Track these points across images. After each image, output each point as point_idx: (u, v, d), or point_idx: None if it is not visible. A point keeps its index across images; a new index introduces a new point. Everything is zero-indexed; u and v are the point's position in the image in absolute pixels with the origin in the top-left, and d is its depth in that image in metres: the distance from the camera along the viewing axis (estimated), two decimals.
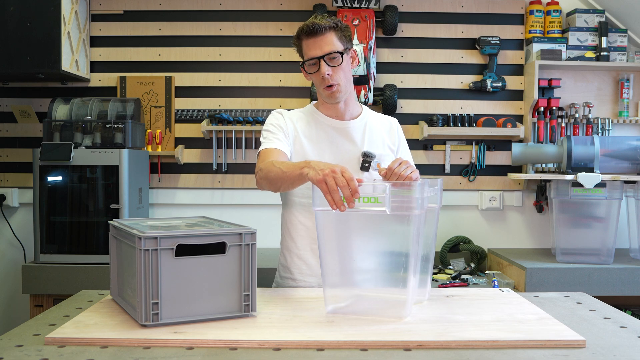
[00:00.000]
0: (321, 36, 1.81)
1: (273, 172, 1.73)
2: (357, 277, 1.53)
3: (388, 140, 1.97)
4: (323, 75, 1.82)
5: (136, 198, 3.03)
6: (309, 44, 1.83)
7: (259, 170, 1.80)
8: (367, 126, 1.94)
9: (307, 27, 1.82)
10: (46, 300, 2.90)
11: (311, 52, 1.83)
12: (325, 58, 1.81)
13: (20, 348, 1.25)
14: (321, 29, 1.81)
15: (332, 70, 1.82)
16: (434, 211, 1.61)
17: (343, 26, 1.86)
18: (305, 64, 1.86)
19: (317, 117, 1.94)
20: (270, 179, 1.74)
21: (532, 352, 1.22)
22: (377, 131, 1.95)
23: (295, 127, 1.92)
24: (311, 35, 1.82)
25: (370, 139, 1.92)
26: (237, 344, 1.26)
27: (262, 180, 1.78)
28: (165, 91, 3.37)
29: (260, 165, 1.80)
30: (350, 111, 1.94)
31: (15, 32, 2.94)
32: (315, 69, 1.84)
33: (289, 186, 1.73)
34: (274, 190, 1.80)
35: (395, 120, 2.03)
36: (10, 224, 3.37)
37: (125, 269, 1.49)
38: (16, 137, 3.39)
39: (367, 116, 1.97)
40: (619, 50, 3.30)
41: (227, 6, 3.39)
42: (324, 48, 1.82)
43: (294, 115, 1.96)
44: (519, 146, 3.06)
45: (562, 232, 2.97)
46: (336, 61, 1.83)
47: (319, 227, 1.49)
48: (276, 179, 1.72)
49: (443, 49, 3.39)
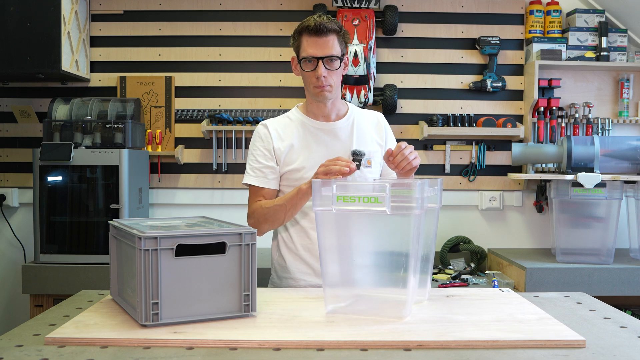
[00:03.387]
0: (324, 37, 1.82)
1: (270, 212, 1.85)
2: (357, 277, 1.53)
3: (376, 137, 1.98)
4: (318, 76, 1.83)
5: (136, 198, 3.03)
6: (310, 42, 1.83)
7: (252, 219, 1.91)
8: (355, 124, 1.96)
9: (314, 25, 1.82)
10: (46, 300, 2.90)
11: (311, 51, 1.83)
12: (324, 60, 1.82)
13: (20, 348, 1.25)
14: (327, 30, 1.82)
15: (328, 73, 1.83)
16: (434, 211, 1.61)
17: (344, 32, 1.89)
18: (302, 61, 1.86)
19: (304, 120, 1.95)
20: (269, 218, 1.86)
21: (532, 352, 1.22)
22: (365, 128, 1.97)
23: (280, 137, 1.93)
24: (314, 34, 1.83)
25: (358, 136, 1.94)
26: (237, 344, 1.26)
27: (262, 225, 1.89)
28: (165, 91, 3.37)
29: (250, 212, 1.92)
30: (336, 111, 1.96)
31: (15, 32, 2.94)
32: (312, 67, 1.84)
33: (292, 211, 1.83)
34: (278, 226, 1.91)
35: (381, 115, 2.05)
36: (10, 224, 3.37)
37: (125, 269, 1.49)
38: (16, 137, 3.39)
39: (354, 114, 1.99)
40: (619, 50, 3.30)
41: (227, 6, 3.39)
42: (325, 50, 1.82)
43: (280, 123, 1.97)
44: (519, 146, 3.06)
45: (562, 232, 2.97)
46: (334, 65, 1.84)
47: (319, 227, 1.49)
48: (277, 213, 1.84)
49: (443, 49, 3.39)
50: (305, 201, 1.81)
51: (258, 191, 1.92)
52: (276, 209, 1.83)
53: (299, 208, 1.83)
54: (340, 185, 1.42)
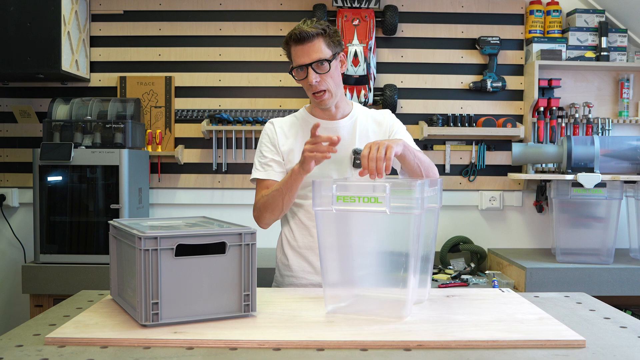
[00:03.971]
0: (309, 43, 1.81)
1: (269, 198, 1.85)
2: (357, 277, 1.53)
3: (379, 134, 1.98)
4: (311, 83, 1.83)
5: (136, 198, 3.03)
6: (297, 50, 1.83)
7: (254, 211, 1.93)
8: (357, 123, 1.96)
9: (295, 34, 1.82)
10: (46, 300, 2.90)
11: (299, 59, 1.83)
12: (312, 66, 1.82)
13: (20, 348, 1.25)
14: (309, 36, 1.80)
15: (319, 77, 1.83)
16: (434, 211, 1.61)
17: (332, 31, 1.85)
18: (293, 70, 1.87)
19: (308, 119, 1.97)
20: (269, 205, 1.85)
21: (532, 352, 1.22)
22: (368, 127, 1.97)
23: (285, 135, 1.96)
24: (299, 42, 1.82)
25: (360, 135, 1.94)
26: (237, 344, 1.26)
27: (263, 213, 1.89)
28: (165, 91, 3.37)
29: (254, 205, 1.93)
30: (341, 111, 1.97)
31: (15, 32, 2.94)
32: (304, 75, 1.85)
33: (289, 194, 1.82)
34: (279, 213, 1.89)
35: (387, 113, 2.03)
36: (10, 224, 3.37)
37: (125, 269, 1.49)
38: (16, 137, 3.39)
39: (357, 113, 1.99)
40: (619, 50, 3.30)
41: (227, 6, 3.39)
42: (312, 55, 1.81)
43: (286, 122, 2.00)
44: (519, 146, 3.06)
45: (562, 232, 2.97)
46: (324, 68, 1.83)
47: (319, 227, 1.49)
48: (275, 199, 1.83)
49: (443, 49, 3.39)
50: (299, 182, 1.78)
51: (264, 184, 1.93)
52: (274, 195, 1.84)
53: (295, 190, 1.81)
54: (340, 185, 1.43)
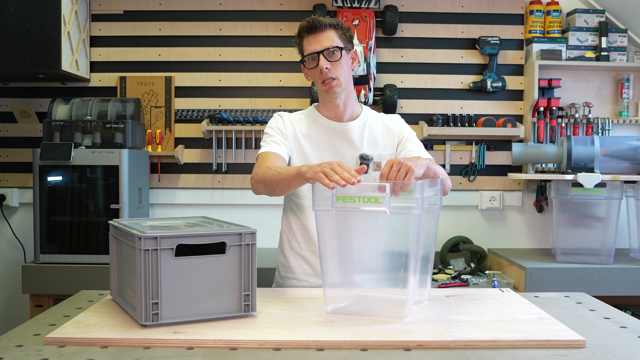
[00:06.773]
0: (321, 32, 1.83)
1: (269, 175, 1.75)
2: (357, 277, 1.53)
3: (389, 139, 1.94)
4: (321, 69, 1.82)
5: (136, 198, 3.03)
6: (309, 40, 1.84)
7: (255, 175, 1.82)
8: (366, 126, 1.93)
9: (308, 23, 1.83)
10: (46, 300, 2.90)
11: (311, 48, 1.84)
12: (324, 53, 1.82)
13: (20, 348, 1.25)
14: (321, 25, 1.83)
15: (330, 65, 1.83)
16: (434, 211, 1.61)
17: (344, 27, 1.88)
18: (305, 60, 1.86)
19: (317, 118, 1.95)
20: (267, 181, 1.76)
21: (532, 352, 1.22)
22: (377, 132, 1.94)
23: (294, 130, 1.93)
24: (311, 32, 1.83)
25: (369, 139, 1.92)
26: (237, 344, 1.26)
27: (258, 183, 1.80)
28: (165, 91, 3.37)
29: (256, 170, 1.82)
30: (349, 111, 1.94)
31: (15, 32, 2.94)
32: (315, 64, 1.84)
33: (285, 188, 1.74)
34: (270, 193, 1.80)
35: (397, 117, 2.00)
36: (10, 224, 3.37)
37: (125, 269, 1.49)
38: (16, 137, 3.39)
39: (367, 116, 1.96)
40: (619, 50, 3.30)
41: (227, 6, 3.39)
42: (324, 43, 1.82)
43: (295, 117, 1.98)
44: (519, 146, 3.06)
45: (562, 232, 2.97)
46: (335, 56, 1.83)
47: (319, 227, 1.49)
48: (272, 181, 1.73)
49: (443, 49, 3.39)
50: (299, 185, 1.73)
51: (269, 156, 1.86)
52: (274, 175, 1.73)
53: (292, 189, 1.76)
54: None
